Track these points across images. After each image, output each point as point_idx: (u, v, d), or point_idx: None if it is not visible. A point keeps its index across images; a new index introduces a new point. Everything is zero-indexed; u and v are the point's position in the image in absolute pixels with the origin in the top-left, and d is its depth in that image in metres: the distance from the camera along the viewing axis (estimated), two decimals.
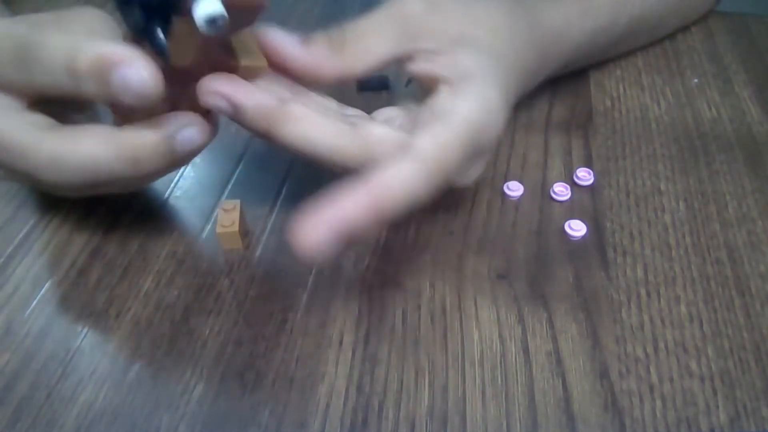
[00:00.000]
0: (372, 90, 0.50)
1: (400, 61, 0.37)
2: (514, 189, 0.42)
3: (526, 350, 0.34)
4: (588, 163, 0.45)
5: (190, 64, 0.31)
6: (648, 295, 0.37)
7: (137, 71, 0.29)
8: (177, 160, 0.33)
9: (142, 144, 0.32)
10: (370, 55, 0.35)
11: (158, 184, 0.42)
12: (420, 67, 0.36)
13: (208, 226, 0.40)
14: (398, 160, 0.30)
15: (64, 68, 0.30)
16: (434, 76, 0.35)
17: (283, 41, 0.34)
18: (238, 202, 0.38)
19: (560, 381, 0.33)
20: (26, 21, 0.36)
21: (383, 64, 0.36)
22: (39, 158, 0.32)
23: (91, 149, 0.32)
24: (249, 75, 0.33)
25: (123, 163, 0.32)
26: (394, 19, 0.35)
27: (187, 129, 0.32)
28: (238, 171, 0.43)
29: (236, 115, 0.32)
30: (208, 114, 0.33)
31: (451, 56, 0.35)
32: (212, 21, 0.28)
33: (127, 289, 0.36)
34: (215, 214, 0.41)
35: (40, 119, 0.33)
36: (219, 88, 0.32)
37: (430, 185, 0.31)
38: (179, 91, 0.32)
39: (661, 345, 0.35)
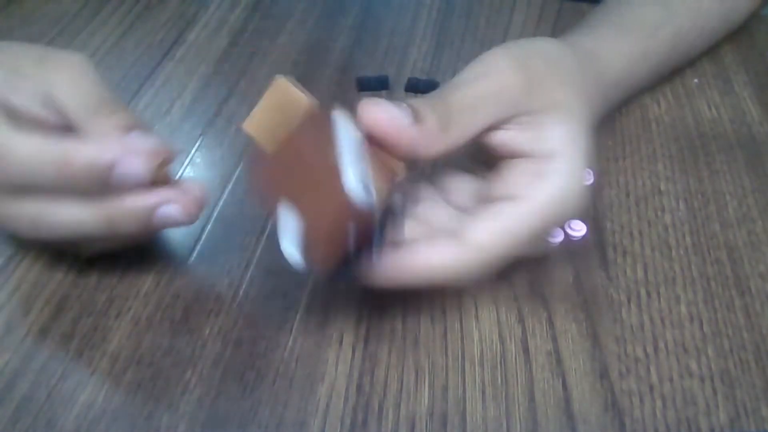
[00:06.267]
0: (372, 90, 0.50)
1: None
2: None
3: (526, 350, 0.34)
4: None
5: None
6: (648, 295, 0.37)
7: (134, 166, 0.31)
8: (153, 229, 0.33)
9: (121, 208, 0.32)
10: (474, 130, 0.33)
11: None
12: (500, 138, 0.34)
13: (208, 227, 0.40)
14: (447, 242, 0.31)
15: (50, 170, 0.31)
16: (517, 149, 0.33)
17: (394, 119, 0.30)
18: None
19: (560, 381, 0.33)
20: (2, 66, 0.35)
21: (479, 136, 0.33)
22: (20, 217, 0.33)
23: (69, 210, 0.32)
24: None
25: (100, 224, 0.32)
26: (494, 93, 0.33)
27: (169, 205, 0.32)
28: (238, 170, 0.43)
29: None
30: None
31: (539, 129, 0.33)
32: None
33: (127, 289, 0.36)
34: (216, 212, 0.41)
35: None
36: None
37: (474, 269, 0.31)
38: None
39: (661, 345, 0.35)
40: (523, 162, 0.33)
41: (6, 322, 0.35)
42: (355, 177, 0.27)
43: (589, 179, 0.43)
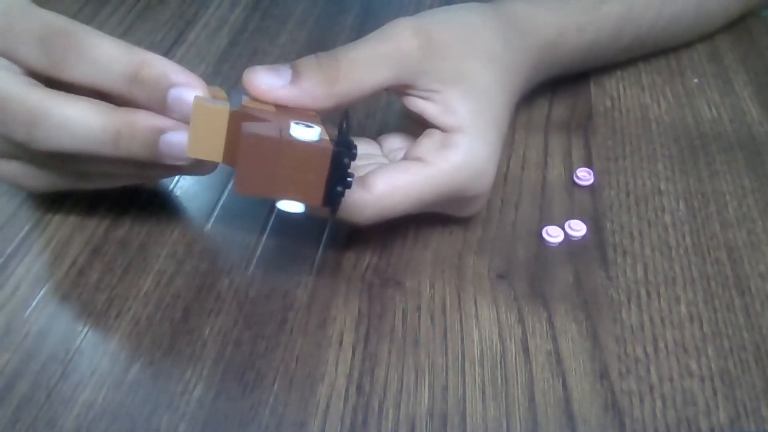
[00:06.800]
0: None
1: (392, 92, 0.37)
2: None
3: (526, 350, 0.34)
4: (588, 163, 0.45)
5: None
6: (648, 295, 0.37)
7: (194, 95, 0.32)
8: (156, 158, 0.33)
9: (131, 122, 0.32)
10: (365, 86, 0.35)
11: (159, 182, 0.42)
12: (414, 105, 0.37)
13: (208, 226, 0.40)
14: (354, 185, 0.33)
15: (121, 71, 0.32)
16: (430, 120, 0.36)
17: (270, 84, 0.33)
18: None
19: (560, 381, 0.33)
20: None
21: (376, 94, 0.36)
22: (23, 109, 0.31)
23: (79, 111, 0.32)
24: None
25: (106, 135, 0.32)
26: (390, 54, 0.35)
27: (179, 133, 0.32)
28: None
29: None
30: None
31: (445, 101, 0.36)
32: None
33: (127, 289, 0.36)
34: (216, 212, 0.41)
35: (33, 81, 0.33)
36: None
37: (370, 212, 0.34)
38: None
39: (661, 345, 0.35)
40: (436, 132, 0.36)
41: (6, 321, 0.35)
42: (303, 130, 0.30)
43: (589, 179, 0.43)
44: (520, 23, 0.41)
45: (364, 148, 0.40)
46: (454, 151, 0.35)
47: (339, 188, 0.31)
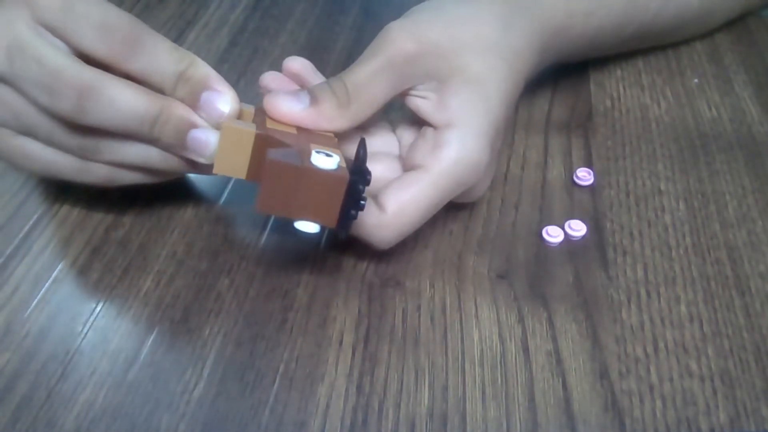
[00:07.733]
0: None
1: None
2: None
3: (526, 350, 0.34)
4: (588, 163, 0.45)
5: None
6: (648, 295, 0.37)
7: (224, 103, 0.35)
8: (181, 147, 0.35)
9: (169, 108, 0.34)
10: (373, 104, 0.36)
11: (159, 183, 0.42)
12: (412, 104, 0.38)
13: (208, 226, 0.40)
14: (369, 207, 0.35)
15: (173, 68, 0.34)
16: (424, 117, 0.37)
17: (291, 108, 0.35)
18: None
19: (560, 381, 0.33)
20: None
21: (384, 106, 0.37)
22: (77, 81, 0.33)
23: (129, 91, 0.33)
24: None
25: (148, 115, 0.34)
26: (389, 63, 0.36)
27: (206, 132, 0.35)
28: None
29: None
30: None
31: (440, 97, 0.37)
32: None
33: (127, 289, 0.36)
34: (216, 212, 0.41)
35: (81, 61, 0.34)
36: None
37: (389, 232, 0.36)
38: None
39: (661, 345, 0.35)
40: (428, 131, 0.37)
41: (6, 321, 0.35)
42: (323, 159, 0.31)
43: (589, 179, 0.43)
44: (527, 7, 0.41)
45: (379, 143, 0.40)
46: (447, 149, 0.36)
47: (353, 212, 0.32)
